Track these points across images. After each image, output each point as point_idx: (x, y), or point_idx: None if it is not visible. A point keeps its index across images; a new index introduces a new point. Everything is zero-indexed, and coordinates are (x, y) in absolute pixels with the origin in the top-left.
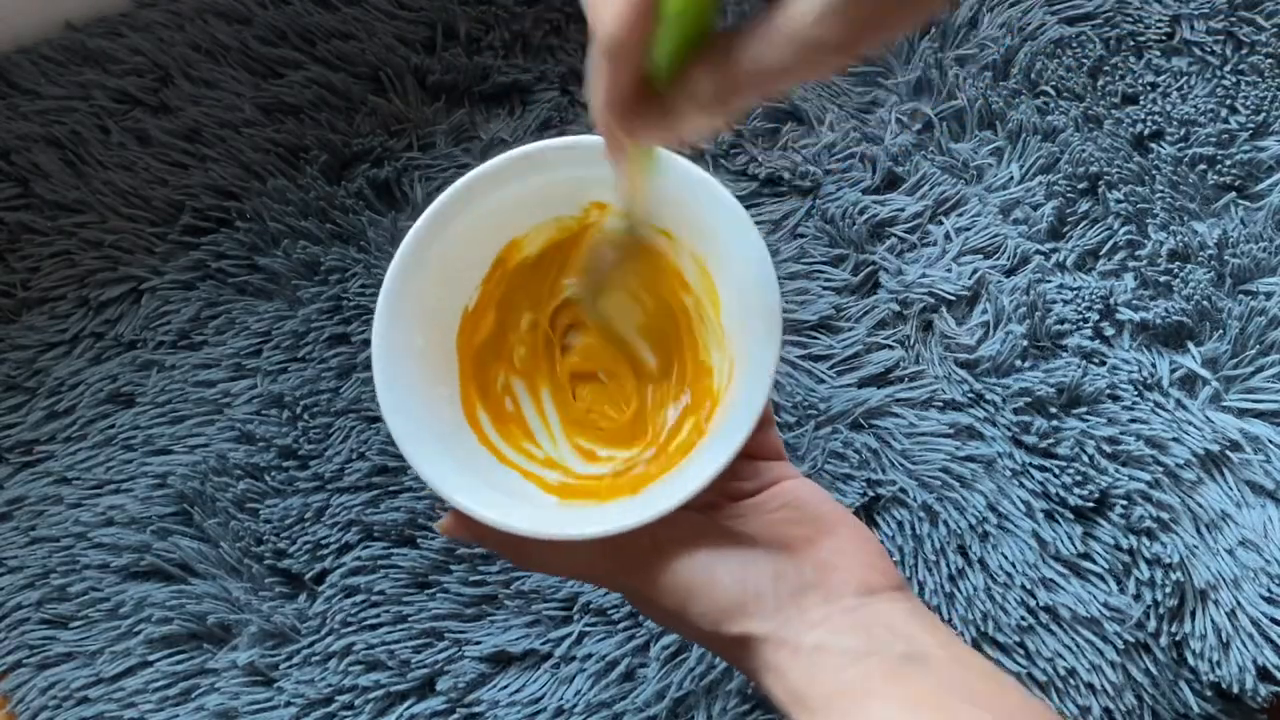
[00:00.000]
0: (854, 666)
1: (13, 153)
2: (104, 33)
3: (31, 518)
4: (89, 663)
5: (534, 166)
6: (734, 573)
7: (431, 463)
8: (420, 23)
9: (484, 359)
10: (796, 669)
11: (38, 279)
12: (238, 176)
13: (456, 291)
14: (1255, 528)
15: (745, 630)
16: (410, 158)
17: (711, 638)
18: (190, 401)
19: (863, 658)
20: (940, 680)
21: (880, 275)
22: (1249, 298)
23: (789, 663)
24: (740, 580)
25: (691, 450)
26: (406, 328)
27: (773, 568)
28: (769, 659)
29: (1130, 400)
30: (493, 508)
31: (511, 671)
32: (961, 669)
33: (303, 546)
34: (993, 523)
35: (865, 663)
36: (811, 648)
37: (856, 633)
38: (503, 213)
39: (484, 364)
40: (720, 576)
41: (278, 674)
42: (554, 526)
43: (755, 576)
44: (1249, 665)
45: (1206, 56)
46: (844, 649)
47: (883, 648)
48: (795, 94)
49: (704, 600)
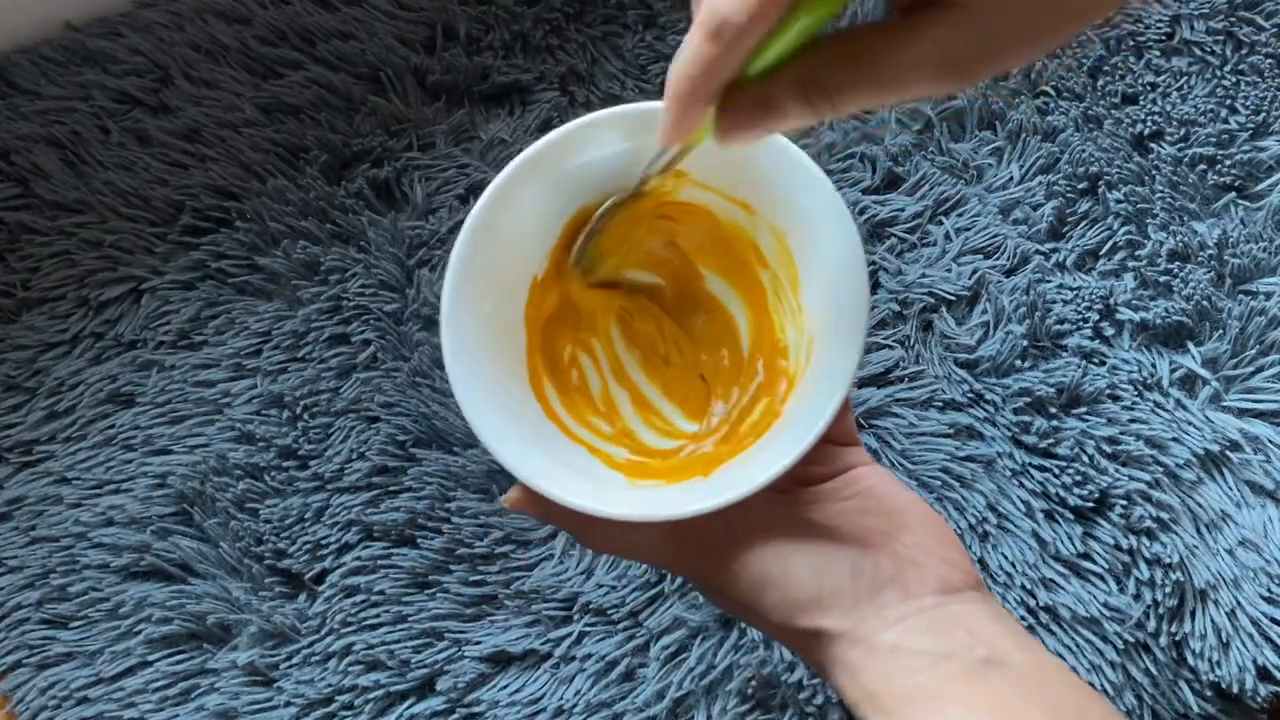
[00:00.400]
0: (931, 669)
1: (13, 153)
2: (104, 33)
3: (31, 518)
4: (89, 663)
5: (601, 135)
6: (811, 565)
7: (500, 436)
8: (420, 23)
9: (552, 330)
10: (872, 668)
11: (38, 279)
12: (238, 176)
13: (526, 260)
14: (1255, 528)
15: (820, 625)
16: (410, 158)
17: (782, 629)
18: (190, 401)
19: (940, 660)
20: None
21: (880, 275)
22: (1249, 298)
23: (864, 661)
24: (817, 574)
25: (766, 432)
26: (475, 295)
27: (851, 563)
28: (843, 656)
29: (1130, 400)
30: (560, 485)
31: (511, 671)
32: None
33: (303, 546)
34: (993, 523)
35: (943, 665)
36: (888, 647)
37: (935, 634)
38: (573, 181)
39: (552, 335)
40: (796, 568)
41: (278, 674)
42: (624, 507)
43: (833, 571)
44: (1249, 665)
45: (1206, 56)
46: (921, 650)
47: (962, 650)
48: None
49: (778, 592)
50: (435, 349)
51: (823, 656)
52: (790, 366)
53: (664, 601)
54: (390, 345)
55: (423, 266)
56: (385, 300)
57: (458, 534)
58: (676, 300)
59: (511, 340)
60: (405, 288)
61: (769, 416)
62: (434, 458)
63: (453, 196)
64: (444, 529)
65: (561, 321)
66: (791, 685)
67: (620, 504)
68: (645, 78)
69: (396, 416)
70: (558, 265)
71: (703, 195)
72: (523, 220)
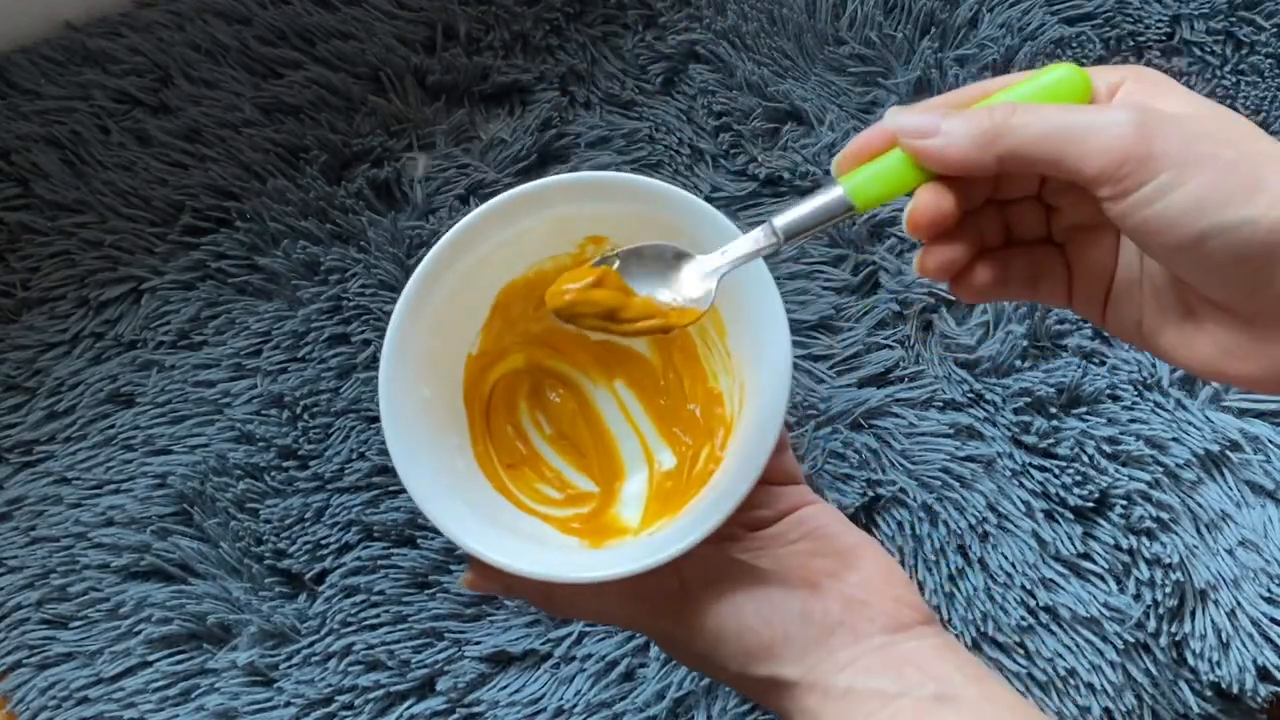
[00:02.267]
0: (885, 709)
1: (13, 153)
2: (104, 33)
3: (31, 518)
4: (89, 663)
5: (530, 206)
6: (761, 614)
7: (451, 515)
8: (420, 23)
9: (492, 404)
10: (828, 712)
11: (38, 279)
12: (238, 176)
13: (458, 339)
14: (1255, 528)
15: (774, 673)
16: (410, 158)
17: (741, 679)
18: (190, 401)
19: (893, 699)
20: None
21: (880, 275)
22: None
23: (820, 706)
24: (767, 622)
25: (709, 480)
26: (411, 379)
27: (800, 607)
28: (801, 703)
29: (1130, 400)
30: (517, 557)
31: (511, 671)
32: (992, 708)
33: (303, 546)
34: (993, 523)
35: (896, 703)
36: (842, 690)
37: (886, 673)
38: (500, 256)
39: (492, 409)
40: (747, 619)
41: (278, 674)
42: (578, 570)
43: (782, 618)
44: (1249, 665)
45: (1206, 56)
46: (875, 691)
47: (913, 688)
48: (795, 94)
49: (732, 643)
50: None
51: (783, 703)
52: (727, 413)
53: None
54: None
55: None
56: (385, 300)
57: None
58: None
59: (453, 420)
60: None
61: (711, 464)
62: None
63: (453, 196)
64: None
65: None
66: None
67: (576, 567)
68: (645, 78)
69: None
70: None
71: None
72: (453, 299)
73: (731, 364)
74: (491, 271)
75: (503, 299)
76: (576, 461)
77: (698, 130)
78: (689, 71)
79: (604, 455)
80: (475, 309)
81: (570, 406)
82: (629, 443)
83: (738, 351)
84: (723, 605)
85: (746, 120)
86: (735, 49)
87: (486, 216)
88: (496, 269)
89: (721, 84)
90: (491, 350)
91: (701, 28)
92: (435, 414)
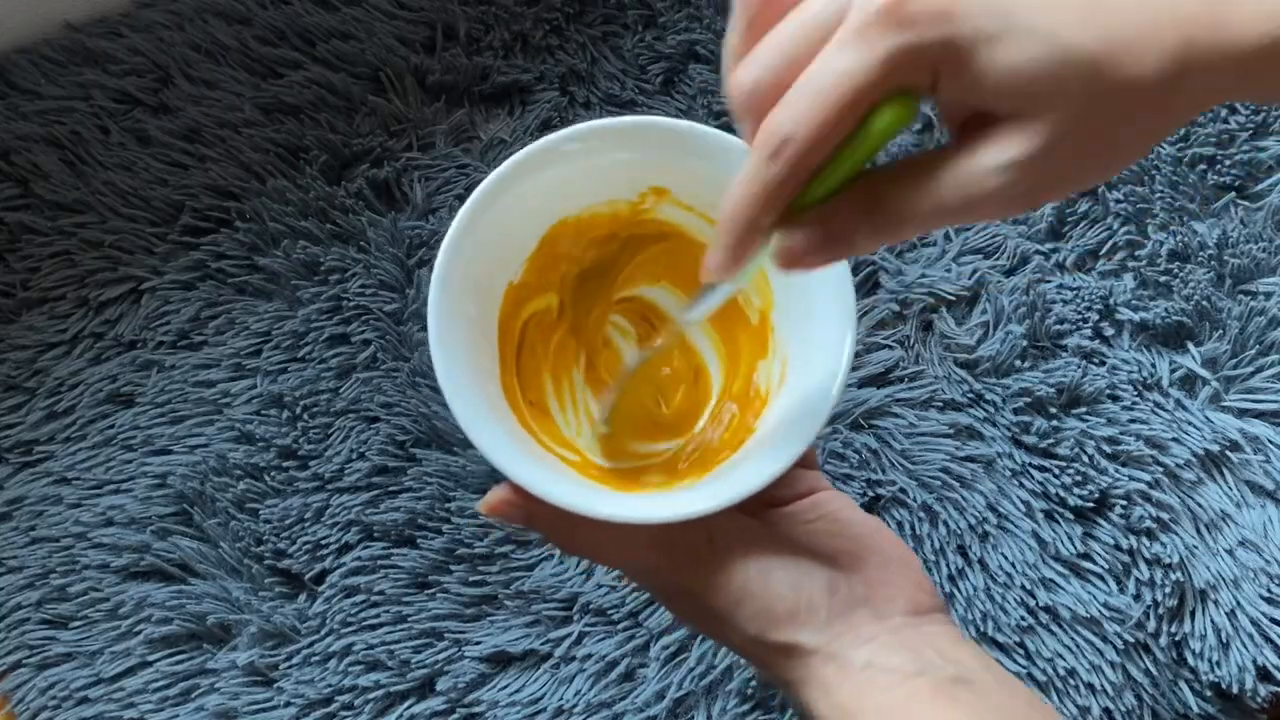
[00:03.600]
0: (903, 685)
1: (13, 153)
2: (104, 33)
3: (31, 518)
4: (89, 663)
5: (592, 146)
6: (789, 580)
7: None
8: (420, 23)
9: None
10: (846, 685)
11: (38, 279)
12: (238, 176)
13: (505, 264)
14: (1255, 528)
15: (795, 640)
16: (410, 158)
17: (756, 643)
18: (190, 401)
19: (911, 677)
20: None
21: (880, 275)
22: (1249, 298)
23: (837, 677)
24: (794, 588)
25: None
26: (459, 293)
27: (826, 580)
28: (816, 672)
29: (1130, 400)
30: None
31: (511, 671)
32: (1008, 694)
33: (303, 546)
34: (992, 523)
35: (914, 682)
36: (861, 664)
37: (906, 653)
38: (556, 190)
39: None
40: (775, 582)
41: (277, 674)
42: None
43: (810, 586)
44: (1249, 665)
45: None
46: (893, 668)
47: (932, 669)
48: None
49: (756, 604)
50: None
51: (794, 673)
52: (763, 388)
53: None
54: (390, 345)
55: (423, 266)
56: (385, 300)
57: (458, 534)
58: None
59: (489, 346)
60: (405, 288)
61: (743, 432)
62: (434, 458)
63: (453, 196)
64: (444, 529)
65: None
66: None
67: (612, 506)
68: (645, 78)
69: (396, 416)
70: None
71: (683, 215)
72: (506, 224)
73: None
74: (548, 203)
75: (553, 234)
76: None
77: None
78: (689, 71)
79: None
80: (525, 239)
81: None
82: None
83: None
84: (751, 566)
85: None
86: None
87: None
88: (553, 200)
89: (721, 84)
90: (532, 284)
91: (701, 28)
92: (476, 335)
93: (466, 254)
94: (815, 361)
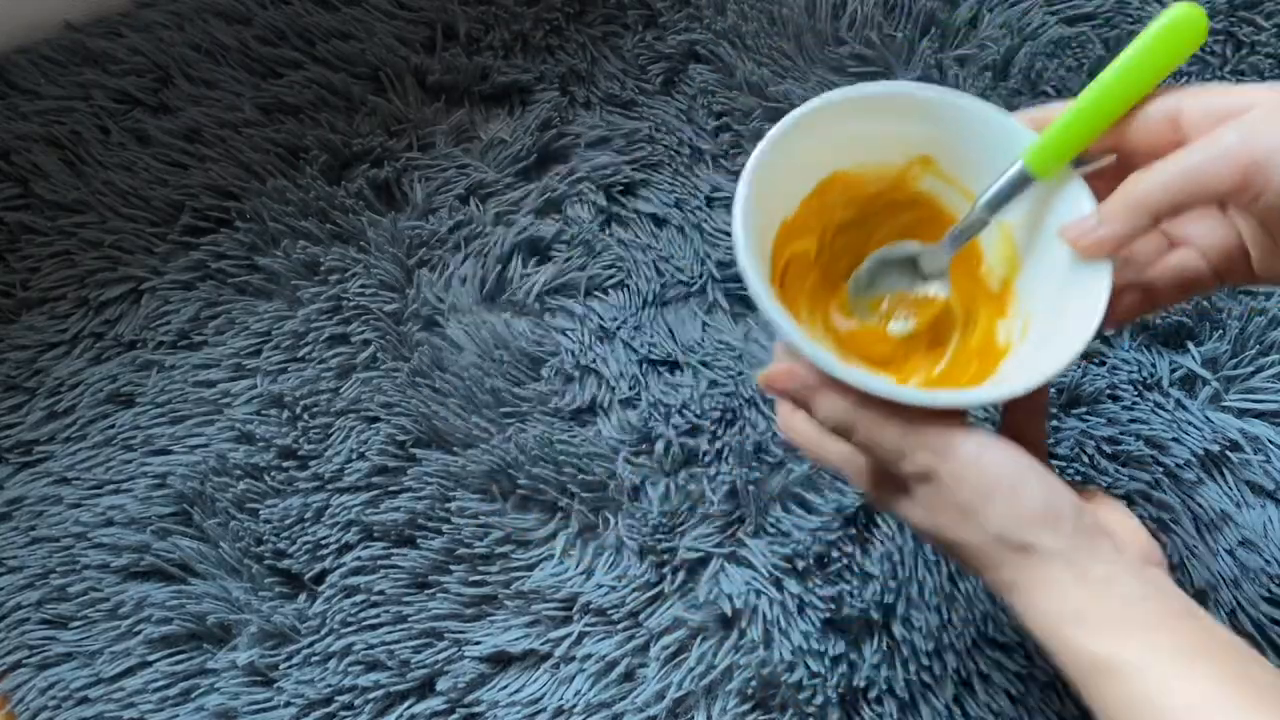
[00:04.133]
0: (1140, 604)
1: (13, 153)
2: (104, 33)
3: (31, 518)
4: (89, 663)
5: (881, 105)
6: (1044, 488)
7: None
8: (420, 23)
9: (787, 276)
10: (1083, 590)
11: (38, 279)
12: (238, 176)
13: (786, 200)
14: (1255, 528)
15: (1039, 542)
16: (410, 158)
17: (995, 540)
18: (190, 401)
19: (1147, 600)
20: (1221, 635)
21: None
22: (1249, 298)
23: (1075, 581)
24: (1048, 495)
25: (1002, 359)
26: (763, 199)
27: (1074, 503)
28: (1053, 574)
29: (1130, 400)
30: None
31: (511, 671)
32: (1227, 633)
33: (303, 546)
34: None
35: (1150, 604)
36: (1100, 578)
37: (1141, 583)
38: (840, 142)
39: (785, 280)
40: (1030, 484)
41: (277, 674)
42: (896, 391)
43: (1061, 499)
44: None
45: (1206, 56)
46: (1129, 591)
47: (1166, 596)
48: (795, 94)
49: (1006, 502)
50: (435, 349)
51: (1026, 573)
52: (1001, 340)
53: (664, 601)
54: (390, 345)
55: (423, 266)
56: (385, 300)
57: (458, 534)
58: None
59: (764, 265)
60: (405, 288)
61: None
62: (434, 458)
63: (453, 196)
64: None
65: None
66: (791, 685)
67: (891, 388)
68: (645, 78)
69: (396, 416)
70: (805, 213)
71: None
72: (793, 163)
73: (1014, 304)
74: (834, 153)
75: (827, 184)
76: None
77: (698, 130)
78: (689, 71)
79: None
80: (805, 181)
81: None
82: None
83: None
84: (1009, 462)
85: (746, 120)
86: (735, 49)
87: (849, 100)
88: (837, 152)
89: (721, 84)
90: (801, 224)
91: (701, 28)
92: (757, 238)
93: (762, 181)
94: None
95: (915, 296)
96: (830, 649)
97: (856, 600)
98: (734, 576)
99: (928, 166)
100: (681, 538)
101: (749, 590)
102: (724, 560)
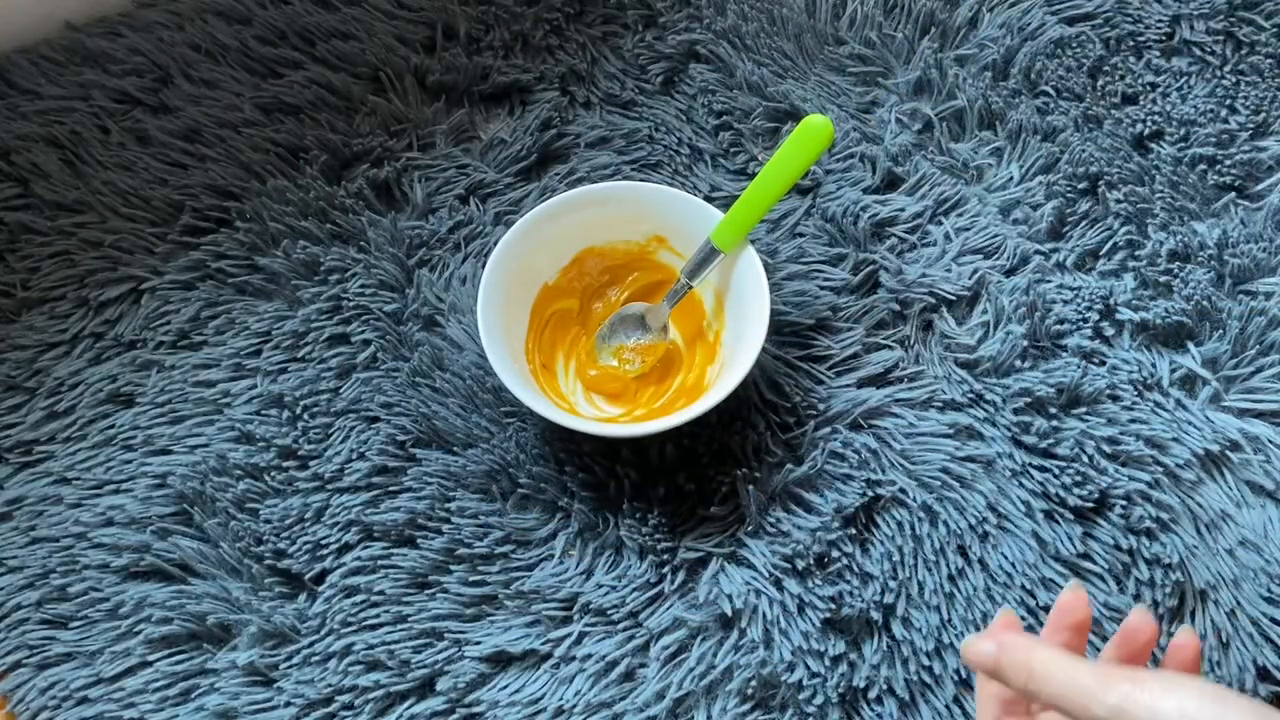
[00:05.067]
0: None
1: (13, 153)
2: (104, 33)
3: (31, 518)
4: (89, 663)
5: (618, 198)
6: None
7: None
8: (420, 23)
9: (549, 322)
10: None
11: (38, 279)
12: (238, 176)
13: (543, 269)
14: (1255, 528)
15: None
16: (410, 158)
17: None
18: (190, 401)
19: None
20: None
21: (880, 275)
22: (1249, 298)
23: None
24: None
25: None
26: (505, 279)
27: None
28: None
29: (1130, 400)
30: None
31: (511, 671)
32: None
33: (303, 546)
34: (992, 523)
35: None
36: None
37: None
38: (587, 225)
39: (547, 325)
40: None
41: (278, 674)
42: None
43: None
44: (1249, 665)
45: (1206, 57)
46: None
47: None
48: (795, 94)
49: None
50: (435, 349)
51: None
52: (707, 381)
53: (664, 601)
54: (390, 345)
55: (423, 266)
56: (385, 300)
57: (458, 534)
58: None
59: (521, 320)
60: (405, 288)
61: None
62: (434, 458)
63: (453, 196)
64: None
65: (557, 321)
66: (791, 685)
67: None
68: (645, 78)
69: (396, 416)
70: (564, 279)
71: (673, 259)
72: (549, 241)
73: (720, 352)
74: (582, 233)
75: (582, 256)
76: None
77: (698, 130)
78: (689, 71)
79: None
80: (561, 255)
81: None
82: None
83: (726, 342)
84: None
85: (746, 120)
86: (735, 49)
87: (585, 196)
88: (586, 232)
89: (721, 84)
90: (562, 287)
91: (701, 28)
92: (510, 311)
93: (516, 253)
94: (734, 367)
95: (644, 344)
96: (830, 649)
97: (856, 600)
98: (734, 576)
99: (662, 243)
100: (681, 538)
101: (749, 590)
102: (724, 560)
